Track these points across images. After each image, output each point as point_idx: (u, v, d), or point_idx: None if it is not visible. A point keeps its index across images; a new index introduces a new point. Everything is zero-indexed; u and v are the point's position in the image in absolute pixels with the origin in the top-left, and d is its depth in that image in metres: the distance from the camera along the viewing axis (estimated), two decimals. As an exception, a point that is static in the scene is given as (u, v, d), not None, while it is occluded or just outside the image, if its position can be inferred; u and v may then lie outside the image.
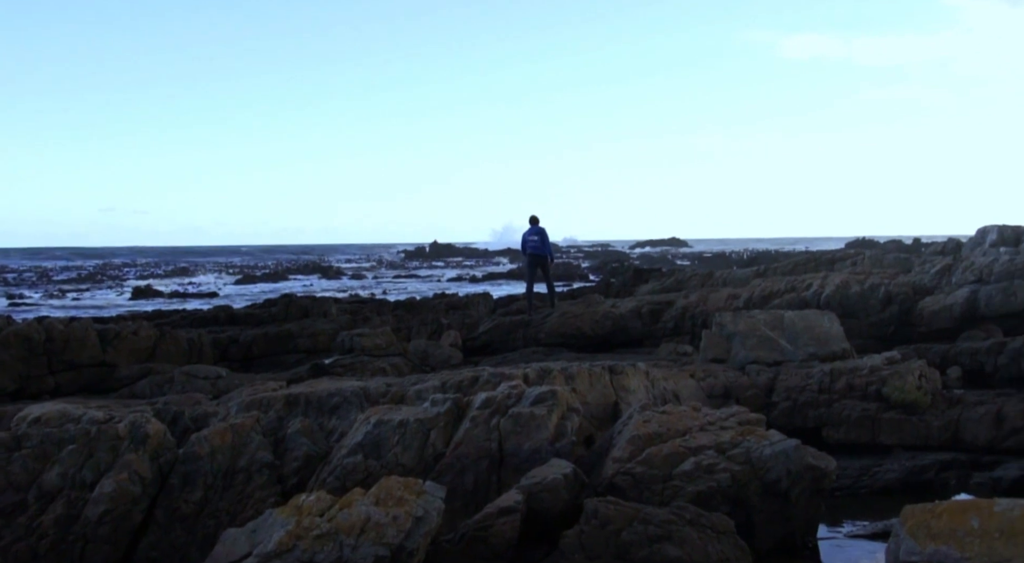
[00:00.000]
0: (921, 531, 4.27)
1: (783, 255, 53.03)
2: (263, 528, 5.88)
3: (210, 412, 8.84)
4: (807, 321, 12.30)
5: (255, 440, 7.77)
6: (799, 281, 19.05)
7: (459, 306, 25.19)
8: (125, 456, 7.30)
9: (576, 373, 9.04)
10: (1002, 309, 16.23)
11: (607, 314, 18.65)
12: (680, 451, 7.05)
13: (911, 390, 10.05)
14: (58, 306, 38.09)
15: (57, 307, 37.32)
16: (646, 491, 6.81)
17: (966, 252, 22.21)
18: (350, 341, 15.72)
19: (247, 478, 7.55)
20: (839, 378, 10.54)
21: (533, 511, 6.42)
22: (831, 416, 10.22)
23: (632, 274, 34.11)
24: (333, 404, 8.67)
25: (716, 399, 10.43)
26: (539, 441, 7.31)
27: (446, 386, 8.79)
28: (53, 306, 37.90)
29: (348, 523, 5.60)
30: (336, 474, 7.45)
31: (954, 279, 17.61)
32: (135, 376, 14.55)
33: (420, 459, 7.45)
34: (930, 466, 9.17)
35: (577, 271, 57.38)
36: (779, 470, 6.89)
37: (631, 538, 6.00)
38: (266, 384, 10.47)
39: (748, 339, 12.07)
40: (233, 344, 17.88)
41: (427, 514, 5.78)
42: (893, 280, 17.94)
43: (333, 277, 62.38)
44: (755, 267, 28.28)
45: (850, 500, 8.80)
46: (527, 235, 20.90)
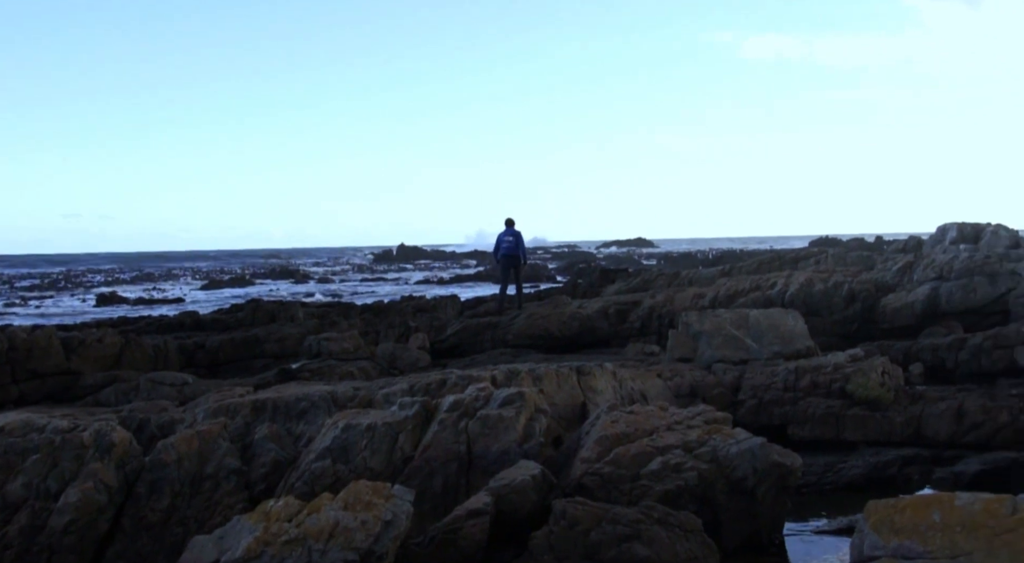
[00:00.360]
0: (884, 526, 4.33)
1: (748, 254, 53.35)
2: (231, 535, 5.86)
3: (176, 419, 8.79)
4: (772, 320, 12.42)
5: (222, 446, 7.74)
6: (764, 280, 19.22)
7: (427, 309, 25.14)
8: (90, 465, 7.25)
9: (544, 374, 9.06)
10: (962, 305, 16.48)
11: (574, 315, 18.72)
12: (648, 451, 7.09)
13: (874, 387, 10.18)
14: (21, 314, 37.64)
15: (20, 315, 36.88)
16: (614, 491, 6.85)
17: (927, 250, 22.50)
18: (317, 345, 15.66)
19: (215, 485, 7.52)
20: (804, 376, 10.65)
21: (502, 513, 6.44)
22: (796, 414, 10.33)
23: (599, 275, 34.26)
24: (301, 409, 8.65)
25: (683, 398, 10.50)
26: (507, 443, 7.33)
27: (414, 389, 8.80)
28: (16, 314, 37.45)
29: (317, 528, 5.59)
30: (304, 479, 7.43)
31: (915, 276, 17.83)
32: (100, 384, 14.41)
33: (389, 463, 7.45)
34: (893, 462, 9.29)
35: (544, 272, 57.43)
36: (745, 468, 6.96)
37: (600, 538, 6.04)
38: (233, 390, 10.42)
39: (714, 338, 12.17)
40: (199, 350, 17.75)
41: (396, 518, 5.79)
42: (856, 278, 18.15)
43: (300, 281, 62.07)
44: (720, 266, 28.49)
45: (815, 496, 8.89)
46: (502, 236, 21.26)
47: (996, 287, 16.56)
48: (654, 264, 64.07)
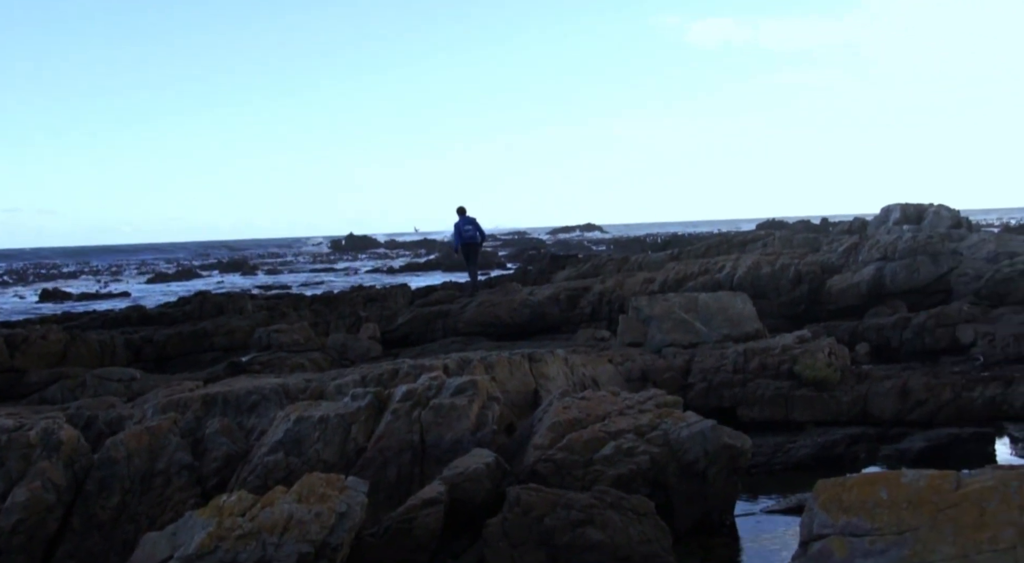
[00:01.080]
0: (833, 504, 4.41)
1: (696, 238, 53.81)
2: (184, 530, 5.82)
3: (125, 415, 8.68)
4: (721, 303, 12.55)
5: (173, 442, 7.66)
6: (712, 264, 19.41)
7: (377, 298, 25.01)
8: (38, 464, 7.14)
9: (496, 362, 9.09)
10: (906, 285, 16.78)
11: (525, 302, 18.76)
12: (600, 436, 7.15)
13: (821, 368, 10.33)
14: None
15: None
16: (568, 477, 6.90)
17: (871, 230, 22.88)
18: (267, 337, 15.54)
19: (166, 481, 7.45)
20: (752, 358, 10.77)
21: (456, 501, 6.47)
22: (746, 395, 10.45)
23: (549, 261, 34.34)
24: (252, 402, 8.59)
25: (634, 383, 10.58)
26: (460, 431, 7.35)
27: (366, 380, 8.78)
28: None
29: (271, 522, 5.57)
30: (257, 473, 7.39)
31: (860, 257, 18.12)
32: (45, 381, 14.16)
33: (342, 454, 7.43)
34: (840, 441, 9.43)
35: (494, 259, 57.45)
36: (696, 451, 7.05)
37: (554, 524, 6.08)
38: (182, 384, 10.32)
39: (664, 322, 12.27)
40: (147, 344, 17.51)
41: (350, 509, 5.78)
42: (802, 260, 18.39)
43: (248, 273, 61.41)
44: (669, 251, 28.74)
45: (765, 477, 9.01)
46: (461, 225, 22.14)
47: (939, 266, 16.88)
48: (603, 249, 64.31)
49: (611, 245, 73.58)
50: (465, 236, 22.35)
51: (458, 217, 22.59)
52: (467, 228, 22.33)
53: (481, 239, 23.01)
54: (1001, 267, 15.88)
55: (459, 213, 22.51)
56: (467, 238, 22.38)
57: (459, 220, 22.45)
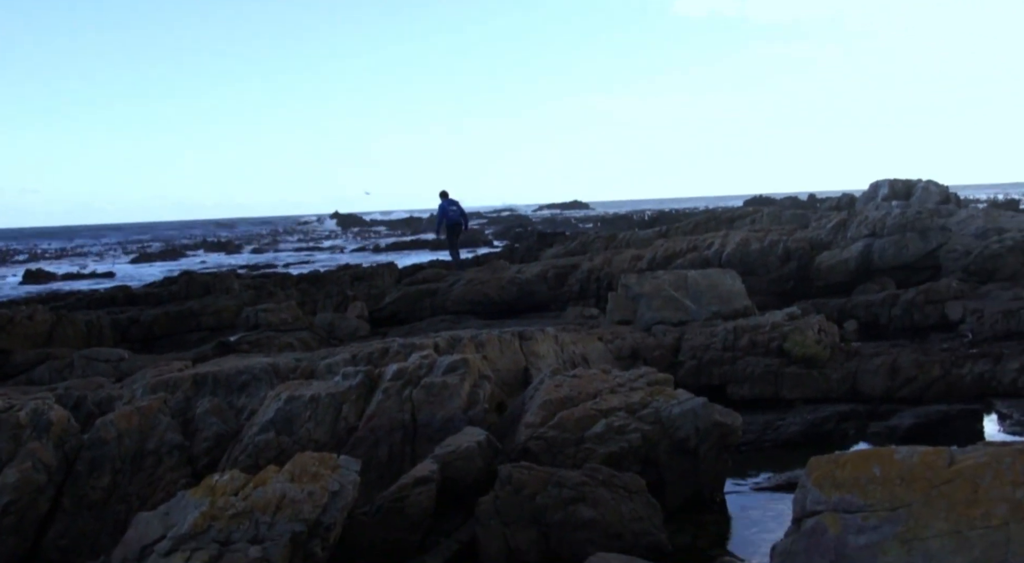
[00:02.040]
0: (826, 481, 4.43)
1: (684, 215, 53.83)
2: (176, 510, 5.80)
3: (115, 395, 8.64)
4: (710, 280, 12.55)
5: (163, 422, 7.64)
6: (700, 240, 19.41)
7: (364, 277, 24.95)
8: (28, 445, 7.11)
9: (486, 340, 9.08)
10: (895, 261, 16.83)
11: (513, 280, 18.74)
12: (591, 414, 7.16)
13: (811, 345, 10.36)
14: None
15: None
16: (559, 454, 6.91)
17: (860, 206, 22.92)
18: (255, 317, 15.50)
19: (156, 461, 7.43)
20: (742, 335, 10.79)
21: (448, 480, 6.47)
22: (735, 373, 10.47)
23: (536, 239, 34.34)
24: (242, 382, 8.56)
25: (624, 360, 10.59)
26: (452, 410, 7.35)
27: (356, 359, 8.76)
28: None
29: (263, 501, 5.55)
30: (248, 452, 7.38)
31: (849, 234, 18.14)
32: (32, 362, 14.09)
33: (333, 433, 7.42)
34: (830, 418, 9.47)
35: (481, 237, 57.39)
36: (688, 428, 7.06)
37: (546, 501, 6.09)
38: (171, 364, 10.28)
39: (653, 300, 12.27)
40: (134, 324, 17.45)
41: (343, 488, 5.77)
42: (791, 236, 18.41)
43: (233, 252, 61.23)
44: (657, 228, 28.71)
45: (755, 454, 9.04)
46: (446, 206, 23.17)
47: (927, 242, 16.93)
48: (590, 227, 64.28)
49: (598, 222, 73.52)
50: (451, 218, 23.23)
51: (441, 200, 23.37)
52: (452, 209, 23.22)
53: (464, 222, 24.08)
54: (990, 243, 15.93)
55: (442, 196, 23.29)
56: (452, 220, 23.29)
57: (443, 202, 23.22)
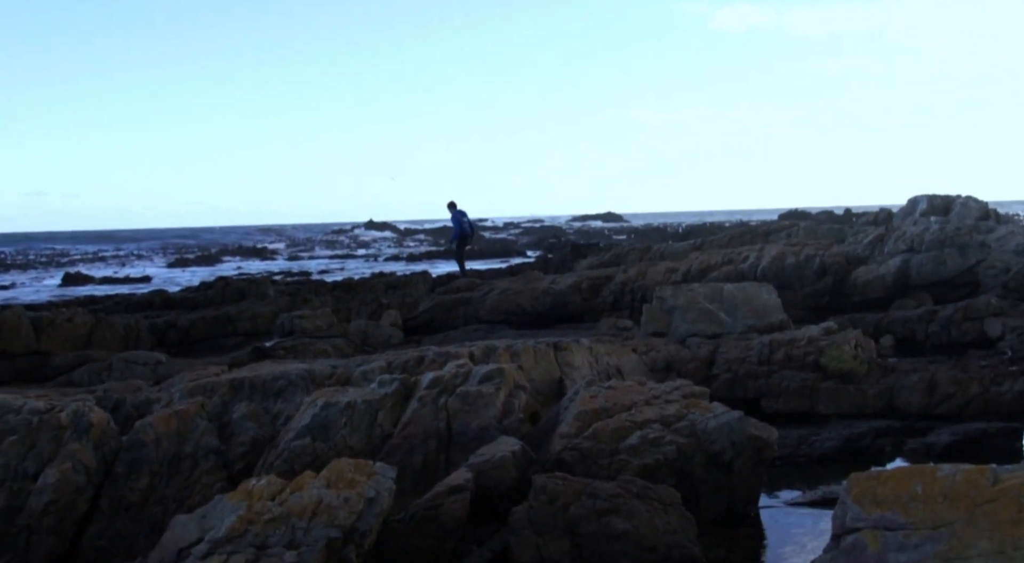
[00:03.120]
0: (867, 498, 4.39)
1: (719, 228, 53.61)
2: (213, 514, 5.85)
3: (153, 399, 8.74)
4: (746, 293, 12.50)
5: (200, 426, 7.71)
6: (736, 254, 19.33)
7: (398, 285, 25.07)
8: (68, 445, 7.20)
9: (521, 350, 9.09)
10: (933, 277, 16.66)
11: (547, 290, 18.75)
12: (626, 425, 7.14)
13: (847, 360, 10.29)
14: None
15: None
16: (593, 466, 6.89)
17: (897, 222, 22.69)
18: (290, 323, 15.60)
19: (193, 464, 7.50)
20: (778, 349, 10.73)
21: (482, 489, 6.48)
22: (770, 387, 10.42)
23: (570, 249, 34.34)
24: (278, 387, 8.62)
25: (658, 373, 10.57)
26: (487, 419, 7.36)
27: (392, 366, 8.80)
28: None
29: (300, 506, 5.59)
30: (284, 457, 7.43)
31: (886, 249, 18.00)
32: (71, 364, 14.28)
33: (368, 440, 7.46)
34: (866, 434, 9.39)
35: (515, 247, 57.47)
36: (723, 442, 7.03)
37: (579, 512, 6.08)
38: (208, 369, 10.38)
39: (688, 312, 12.24)
40: (171, 328, 17.63)
41: (379, 495, 5.80)
42: (827, 251, 18.29)
43: (268, 258, 61.69)
44: (692, 240, 28.64)
45: (790, 469, 8.98)
46: (459, 217, 24.01)
47: (966, 259, 16.74)
48: (624, 239, 64.17)
49: (632, 234, 73.41)
50: (465, 228, 24.15)
51: (452, 211, 24.22)
52: (464, 221, 24.08)
53: (473, 233, 25.30)
54: (1029, 260, 15.74)
55: (451, 207, 24.14)
56: (465, 230, 24.22)
57: (456, 213, 24.05)
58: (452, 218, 24.35)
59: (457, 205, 24.17)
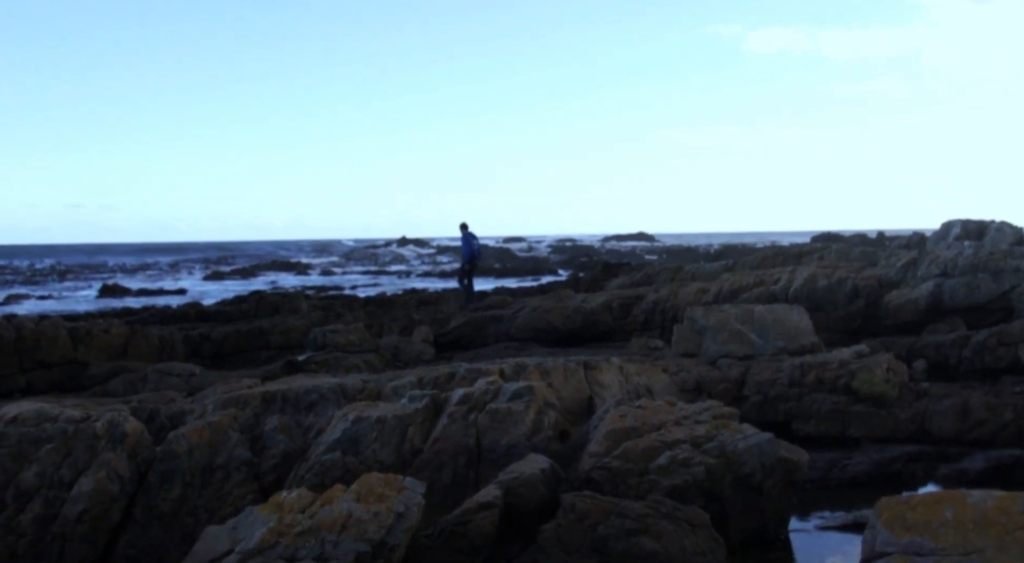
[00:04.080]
0: (897, 522, 4.38)
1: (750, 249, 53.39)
2: (244, 525, 5.91)
3: (186, 410, 8.83)
4: (777, 315, 12.45)
5: (233, 437, 7.79)
6: (767, 275, 19.25)
7: (430, 302, 25.20)
8: (103, 455, 7.30)
9: (551, 368, 9.11)
10: (966, 302, 16.50)
11: (577, 309, 18.75)
12: (656, 445, 7.14)
13: (879, 383, 10.22)
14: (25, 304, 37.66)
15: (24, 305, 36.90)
16: (622, 485, 6.90)
17: (931, 246, 22.50)
18: (323, 337, 15.69)
19: (225, 475, 7.57)
20: (809, 372, 10.69)
21: (511, 506, 6.50)
22: (801, 410, 10.37)
23: (601, 269, 34.26)
24: (310, 401, 8.69)
25: (688, 393, 10.55)
26: (516, 436, 7.39)
27: (423, 382, 8.84)
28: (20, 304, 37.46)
29: (330, 519, 5.64)
30: (315, 471, 7.49)
31: (919, 273, 17.85)
32: (107, 374, 14.45)
33: (398, 455, 7.50)
34: (898, 458, 9.33)
35: (546, 265, 57.52)
36: (753, 463, 7.01)
37: (608, 532, 6.09)
38: (241, 381, 10.47)
39: (719, 333, 12.21)
40: (205, 341, 17.80)
41: (408, 510, 5.84)
42: (860, 274, 18.16)
43: (302, 273, 62.12)
44: (723, 261, 28.52)
45: (820, 492, 8.94)
46: (470, 238, 23.87)
47: (1000, 284, 16.58)
48: (655, 258, 64.05)
49: (663, 254, 73.24)
50: (475, 250, 23.96)
51: (463, 232, 24.09)
52: (475, 243, 23.94)
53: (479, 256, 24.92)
54: (1065, 286, 15.56)
55: (463, 228, 24.03)
56: (476, 252, 24.02)
57: (467, 234, 23.91)
58: (463, 239, 24.29)
59: (469, 227, 24.21)
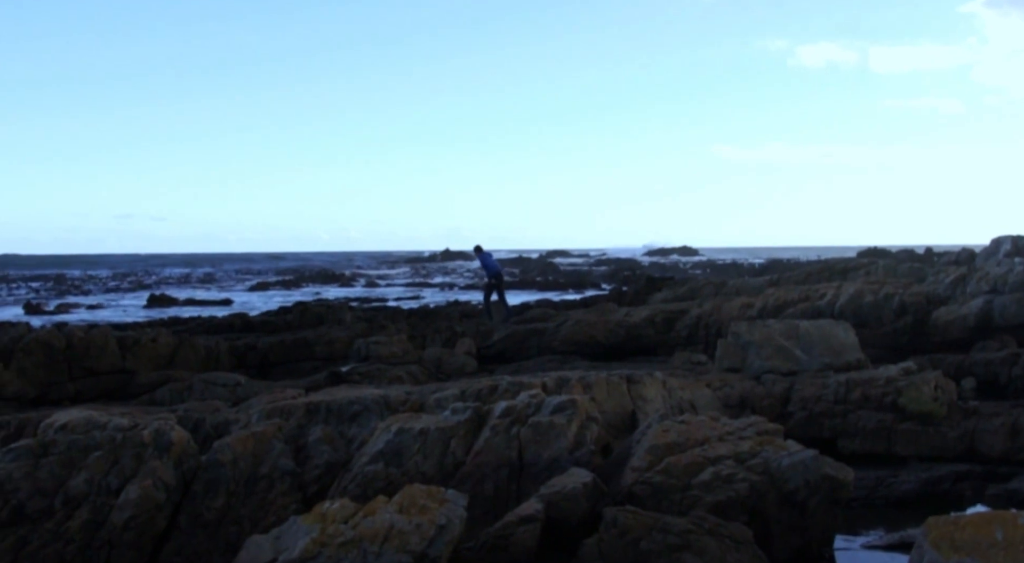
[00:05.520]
0: (945, 543, 4.31)
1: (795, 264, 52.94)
2: (287, 535, 5.96)
3: (231, 419, 8.92)
4: (822, 331, 12.34)
5: (277, 447, 7.85)
6: (813, 290, 19.09)
7: (473, 314, 25.28)
8: (150, 463, 7.39)
9: (594, 382, 9.10)
10: (1016, 319, 16.25)
11: (621, 322, 18.71)
12: (699, 461, 7.10)
13: (927, 401, 10.09)
14: (74, 313, 38.26)
15: (74, 314, 37.49)
16: (665, 500, 6.86)
17: (980, 262, 22.23)
18: (366, 349, 15.81)
19: (269, 485, 7.63)
20: (855, 388, 10.57)
21: (553, 520, 6.48)
22: (846, 426, 10.26)
23: (645, 283, 34.14)
24: (353, 412, 8.75)
25: (732, 409, 10.48)
26: (559, 450, 7.37)
27: (465, 395, 8.87)
28: (69, 313, 38.06)
29: (372, 530, 5.67)
30: (357, 482, 7.52)
31: (968, 289, 17.63)
32: (154, 383, 14.66)
33: (440, 467, 7.51)
34: (946, 477, 9.19)
35: (589, 279, 57.43)
36: (797, 480, 6.94)
37: (650, 547, 6.05)
38: (285, 392, 10.56)
39: (763, 348, 12.12)
40: (250, 351, 17.97)
41: (450, 522, 5.85)
42: (907, 290, 17.96)
43: (346, 285, 62.54)
44: (768, 276, 28.33)
45: (865, 511, 8.83)
46: (487, 258, 24.43)
47: (1051, 302, 16.31)
48: (699, 273, 63.70)
49: (707, 268, 72.85)
50: (495, 268, 24.37)
51: (478, 254, 24.67)
52: (493, 261, 24.41)
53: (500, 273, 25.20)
54: (1119, 304, 15.28)
55: (478, 251, 24.62)
56: (496, 270, 24.41)
57: (484, 254, 24.44)
58: (481, 259, 24.66)
59: (483, 249, 24.63)
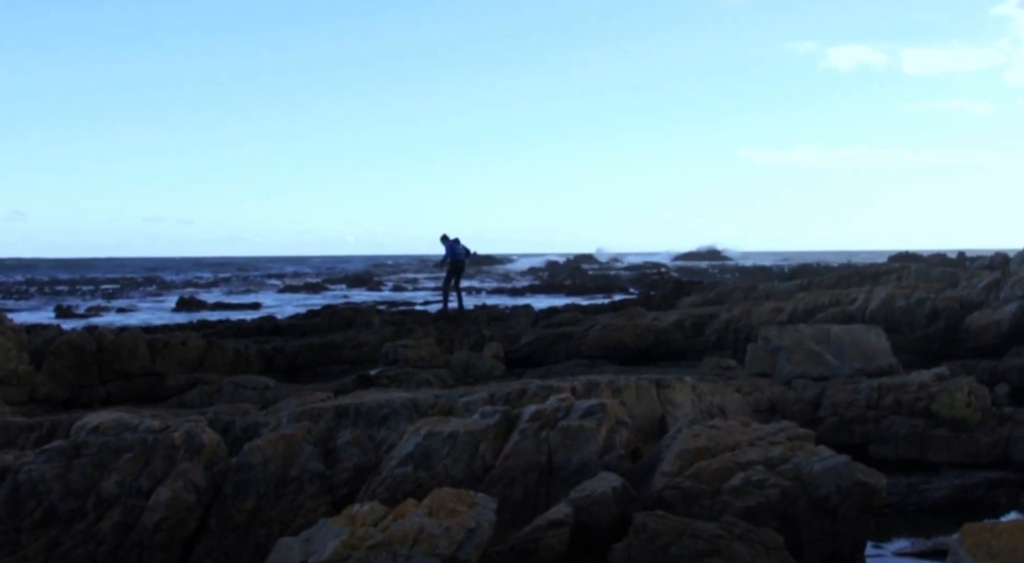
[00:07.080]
0: (981, 550, 4.26)
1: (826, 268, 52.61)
2: (317, 537, 5.96)
3: (261, 422, 8.96)
4: (854, 336, 12.24)
5: (306, 450, 7.88)
6: (844, 295, 18.93)
7: (501, 318, 25.28)
8: (180, 465, 7.43)
9: (624, 386, 9.07)
10: (1051, 325, 16.03)
11: (649, 327, 18.64)
12: (729, 466, 7.05)
13: (961, 407, 9.99)
14: (104, 316, 38.60)
15: (104, 317, 37.83)
16: (695, 505, 6.82)
17: (1014, 266, 21.94)
18: (394, 352, 15.84)
19: (298, 488, 7.66)
20: (887, 394, 10.48)
21: (582, 524, 6.46)
22: (879, 432, 10.17)
23: (673, 287, 34.07)
24: (382, 415, 8.77)
25: (762, 414, 10.41)
26: (588, 454, 7.35)
27: (494, 398, 8.86)
28: (99, 316, 38.40)
29: (402, 533, 5.67)
30: (386, 485, 7.53)
31: (1002, 294, 17.43)
32: (184, 386, 14.75)
33: (469, 471, 7.51)
34: (979, 484, 9.09)
35: (617, 283, 57.32)
36: (829, 486, 6.88)
37: (680, 552, 6.02)
38: (314, 395, 10.60)
39: (794, 353, 12.03)
40: (278, 354, 18.06)
41: (479, 526, 5.84)
42: (940, 294, 17.78)
43: (374, 288, 62.72)
44: (798, 281, 28.13)
45: (898, 517, 8.75)
46: (455, 246, 24.87)
47: (1087, 307, 16.09)
48: (728, 277, 63.43)
49: (736, 272, 72.51)
50: (459, 255, 24.81)
51: (444, 243, 24.98)
52: (459, 248, 24.82)
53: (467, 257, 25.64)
54: None
55: (444, 240, 24.97)
56: (459, 255, 24.85)
57: (452, 241, 24.85)
58: (448, 246, 24.77)
59: (449, 237, 24.82)
